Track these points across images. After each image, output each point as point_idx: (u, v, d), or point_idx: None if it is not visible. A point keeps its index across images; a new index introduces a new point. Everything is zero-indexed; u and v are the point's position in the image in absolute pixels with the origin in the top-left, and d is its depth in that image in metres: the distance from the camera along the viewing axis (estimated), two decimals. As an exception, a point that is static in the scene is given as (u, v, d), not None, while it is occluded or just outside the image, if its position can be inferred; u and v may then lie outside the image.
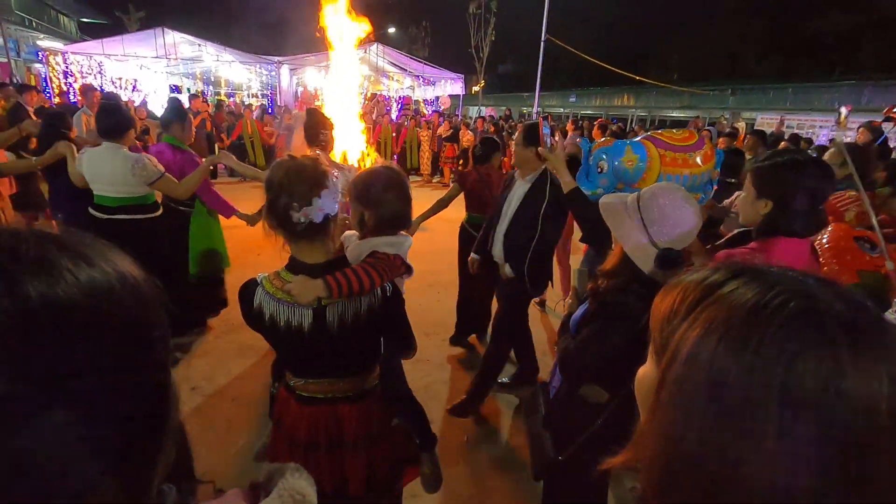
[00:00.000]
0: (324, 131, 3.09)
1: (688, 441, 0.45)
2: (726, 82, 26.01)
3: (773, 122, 16.12)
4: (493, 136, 3.98)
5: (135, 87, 14.11)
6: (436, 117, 12.52)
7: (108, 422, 0.36)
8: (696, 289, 0.51)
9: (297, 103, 14.64)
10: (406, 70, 17.52)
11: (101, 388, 0.36)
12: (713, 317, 0.47)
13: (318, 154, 3.01)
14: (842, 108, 12.47)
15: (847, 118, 12.01)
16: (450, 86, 17.61)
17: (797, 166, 1.52)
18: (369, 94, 16.21)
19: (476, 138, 10.76)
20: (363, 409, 1.56)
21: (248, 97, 16.58)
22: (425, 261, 3.44)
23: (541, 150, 2.28)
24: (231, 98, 16.02)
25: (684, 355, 0.47)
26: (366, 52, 15.56)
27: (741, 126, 12.31)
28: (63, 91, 12.22)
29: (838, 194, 2.53)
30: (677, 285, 0.54)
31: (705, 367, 0.45)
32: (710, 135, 9.57)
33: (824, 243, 2.02)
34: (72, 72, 12.92)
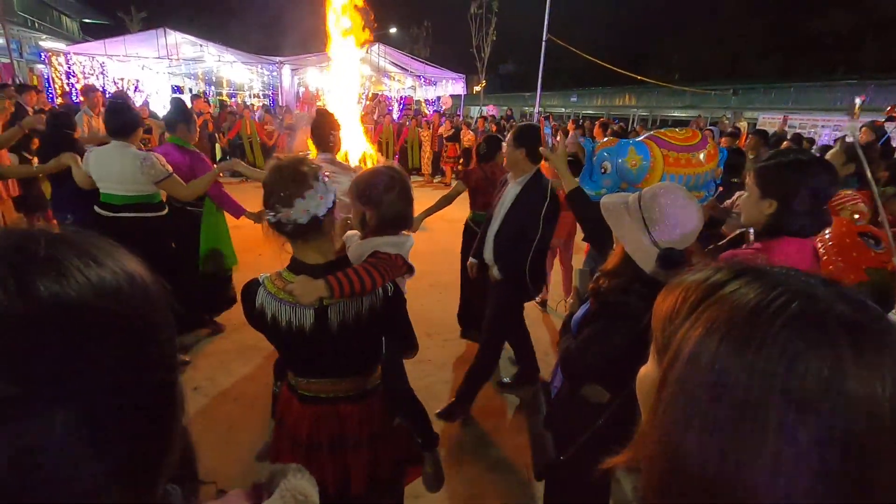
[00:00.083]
0: (333, 132, 3.09)
1: (689, 441, 0.45)
2: (728, 82, 25.99)
3: (774, 122, 16.09)
4: (497, 135, 3.99)
5: (137, 88, 14.12)
6: (436, 117, 12.52)
7: (115, 423, 0.36)
8: (697, 289, 0.51)
9: (298, 103, 14.67)
10: (407, 70, 17.52)
11: (108, 389, 0.36)
12: (715, 317, 0.46)
13: (319, 156, 3.02)
14: (856, 99, 12.31)
15: (861, 108, 11.87)
16: (451, 86, 17.60)
17: (801, 166, 1.51)
18: (371, 95, 16.22)
19: (477, 138, 10.77)
20: (365, 408, 1.56)
21: (250, 97, 16.60)
22: (426, 261, 3.45)
23: (542, 150, 2.28)
24: (233, 98, 16.04)
25: (686, 355, 0.47)
26: (367, 52, 15.56)
27: (743, 126, 12.28)
28: (66, 92, 12.25)
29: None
30: (679, 285, 0.54)
31: (707, 367, 0.45)
32: (713, 134, 9.55)
33: (827, 240, 2.01)
34: (74, 72, 12.94)
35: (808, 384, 0.41)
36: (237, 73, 16.15)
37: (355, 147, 4.15)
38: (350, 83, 5.24)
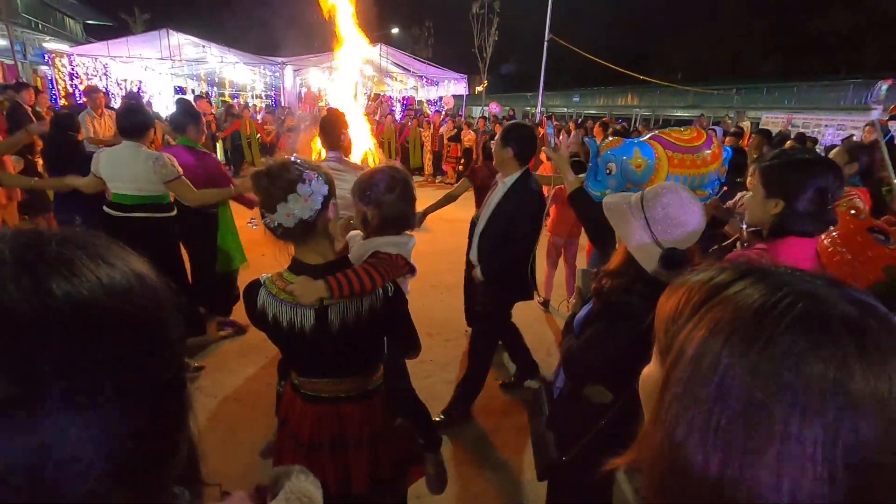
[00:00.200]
0: (343, 131, 3.08)
1: (691, 443, 0.45)
2: (730, 81, 25.91)
3: (777, 122, 16.04)
4: None
5: (140, 89, 14.16)
6: (437, 116, 12.52)
7: (122, 423, 0.36)
8: (701, 289, 0.51)
9: (300, 104, 14.68)
10: (409, 70, 17.52)
11: (117, 389, 0.36)
12: (719, 317, 0.46)
13: (328, 155, 3.02)
14: (882, 86, 11.99)
15: (886, 94, 11.57)
16: (453, 86, 17.59)
17: (807, 165, 1.51)
18: (373, 95, 16.23)
19: (477, 138, 10.76)
20: (366, 408, 1.57)
21: (252, 98, 16.63)
22: (428, 261, 3.44)
23: (545, 149, 2.28)
24: (235, 99, 16.08)
25: (689, 356, 0.47)
26: (371, 47, 15.57)
27: (746, 125, 12.23)
28: (69, 93, 12.29)
29: None
30: (682, 285, 0.54)
31: (710, 368, 0.44)
32: (716, 134, 9.51)
33: (836, 238, 1.97)
34: (77, 74, 12.97)
35: (812, 385, 0.40)
36: (239, 73, 16.18)
37: (359, 146, 4.15)
38: (353, 83, 5.25)
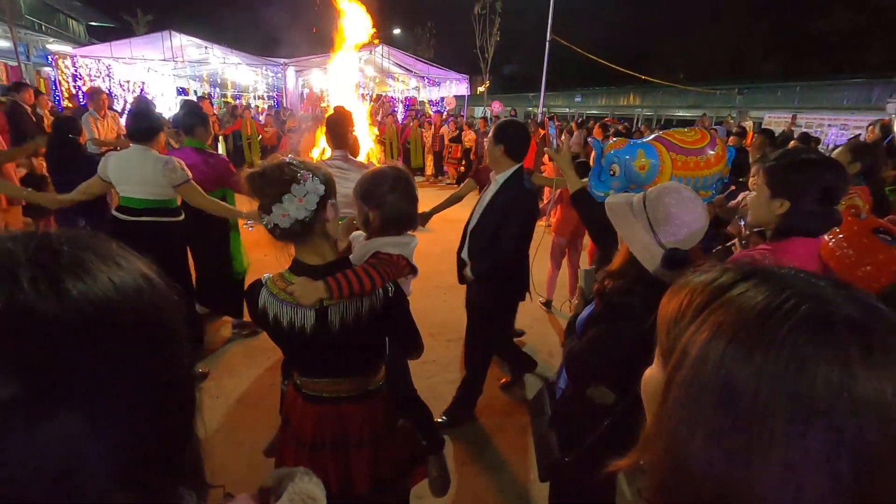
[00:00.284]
0: (350, 130, 3.07)
1: (694, 446, 0.44)
2: (733, 81, 25.84)
3: (780, 121, 15.99)
4: None
5: (142, 90, 14.20)
6: (438, 117, 12.53)
7: (130, 424, 0.36)
8: (703, 291, 0.50)
9: (302, 104, 14.70)
10: (411, 71, 17.52)
11: (128, 389, 0.36)
12: (721, 320, 0.46)
13: (334, 153, 3.03)
14: None
15: None
16: (455, 86, 17.60)
17: (813, 165, 1.50)
18: (375, 96, 16.24)
19: (478, 138, 10.76)
20: (368, 408, 1.57)
21: (255, 99, 16.66)
22: (431, 261, 3.45)
23: (547, 150, 2.27)
24: (237, 100, 16.12)
25: (692, 359, 0.46)
26: (371, 53, 15.58)
27: (748, 125, 12.19)
28: (73, 94, 12.33)
29: None
30: (684, 287, 0.53)
31: (713, 371, 0.44)
32: (717, 133, 9.49)
33: (842, 240, 1.95)
34: (80, 75, 13.01)
35: (817, 389, 0.40)
36: (242, 74, 16.22)
37: (362, 146, 4.17)
38: (355, 84, 5.26)
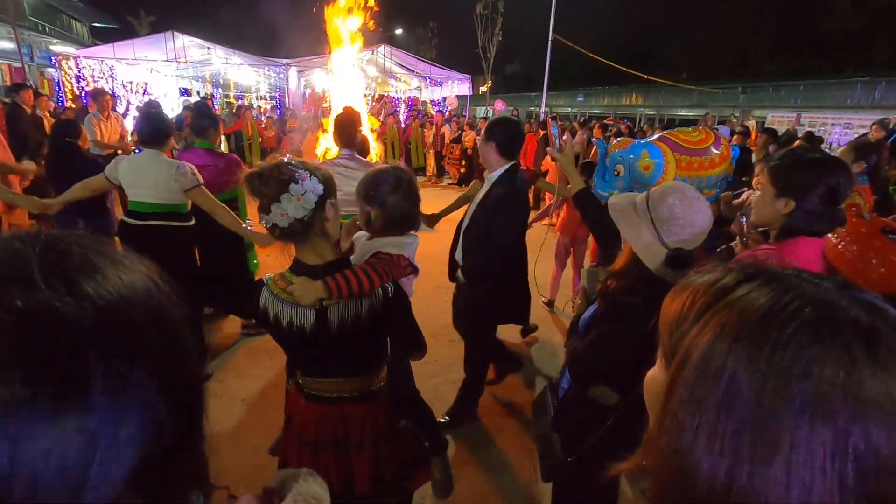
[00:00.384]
0: (359, 130, 3.07)
1: (698, 450, 0.44)
2: (736, 80, 25.77)
3: (784, 120, 15.93)
4: None
5: (145, 91, 14.24)
6: (439, 117, 12.54)
7: (138, 425, 0.36)
8: (706, 292, 0.50)
9: (305, 105, 14.72)
10: (413, 71, 17.51)
11: (145, 388, 0.36)
12: (724, 322, 0.45)
13: (341, 153, 3.05)
14: None
15: None
16: (457, 86, 17.58)
17: (818, 164, 1.49)
18: (377, 96, 16.25)
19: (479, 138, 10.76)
20: (369, 409, 1.57)
21: (257, 99, 16.68)
22: (433, 261, 3.44)
23: (550, 150, 2.27)
24: (240, 100, 16.16)
25: (694, 361, 0.46)
26: (373, 53, 15.58)
27: (751, 124, 12.15)
28: (76, 95, 12.37)
29: None
30: (687, 287, 0.53)
31: (716, 373, 0.43)
32: (721, 133, 9.45)
33: (850, 242, 1.93)
34: (84, 76, 13.05)
35: (822, 391, 0.39)
36: (244, 75, 16.23)
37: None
38: (356, 84, 5.27)
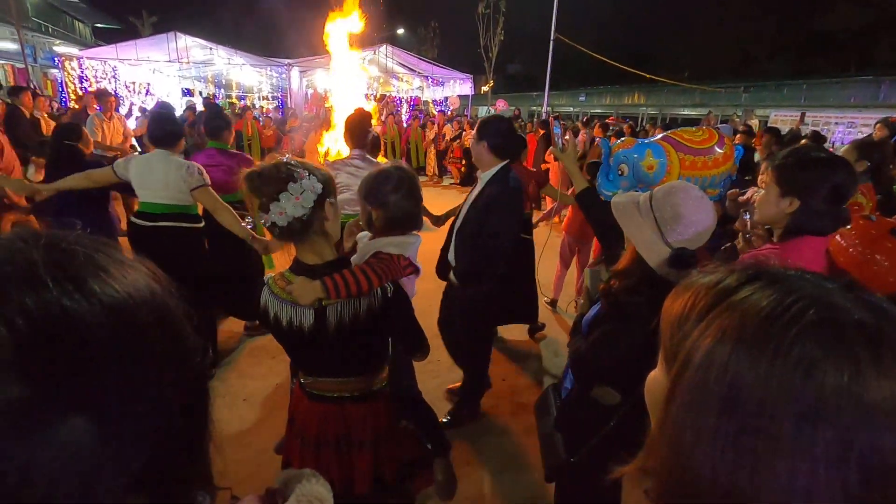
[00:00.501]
0: (370, 131, 3.07)
1: (699, 455, 0.43)
2: (738, 79, 25.71)
3: (787, 120, 15.87)
4: (521, 134, 3.94)
5: (148, 91, 14.29)
6: (441, 117, 12.54)
7: (155, 423, 0.36)
8: (707, 294, 0.49)
9: (307, 105, 14.75)
10: (415, 71, 17.53)
11: (154, 388, 0.36)
12: (726, 324, 0.44)
13: (352, 153, 3.06)
14: None
15: None
16: (459, 86, 17.58)
17: (823, 163, 1.49)
18: (379, 96, 16.26)
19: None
20: (370, 409, 1.57)
21: (259, 99, 16.72)
22: (436, 261, 3.43)
23: (552, 149, 2.27)
24: (242, 101, 16.20)
25: (696, 364, 0.45)
26: (375, 53, 15.60)
27: (754, 123, 12.09)
28: (79, 96, 12.41)
29: None
30: (688, 288, 0.52)
31: (718, 377, 0.43)
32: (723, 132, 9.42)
33: (858, 244, 1.90)
34: (87, 76, 13.10)
35: (825, 394, 0.38)
36: (246, 75, 16.27)
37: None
38: (357, 84, 5.28)
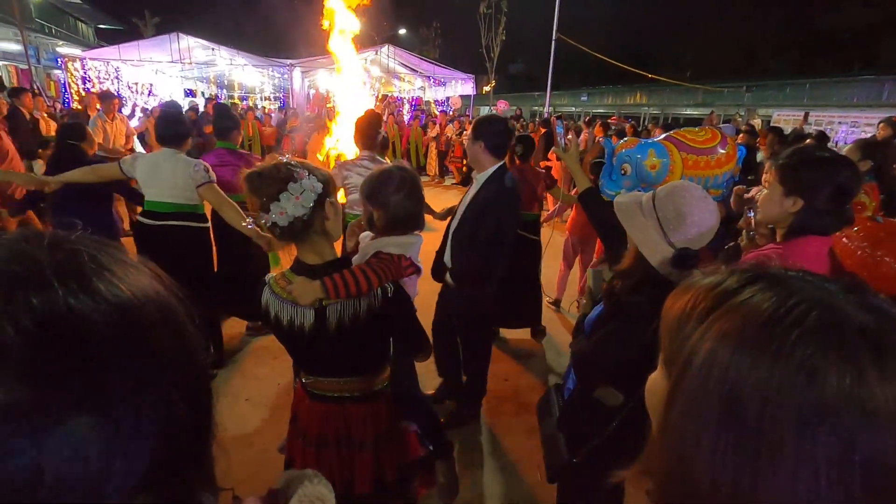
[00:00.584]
0: (380, 132, 3.08)
1: (700, 459, 0.43)
2: (741, 79, 25.66)
3: (790, 119, 15.83)
4: (529, 134, 3.93)
5: (150, 92, 14.32)
6: (443, 116, 12.54)
7: (160, 423, 0.36)
8: (707, 295, 0.48)
9: (308, 105, 14.76)
10: (417, 71, 17.53)
11: (158, 388, 0.36)
12: (727, 327, 0.44)
13: (362, 154, 3.06)
14: None
15: None
16: (460, 86, 17.58)
17: (826, 162, 1.48)
18: (381, 96, 16.27)
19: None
20: (371, 409, 1.57)
21: (261, 100, 16.75)
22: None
23: (555, 149, 2.26)
24: (244, 101, 16.22)
25: (696, 367, 0.45)
26: (377, 53, 15.61)
27: (757, 123, 12.06)
28: (82, 97, 12.45)
29: None
30: (688, 290, 0.51)
31: (718, 381, 0.42)
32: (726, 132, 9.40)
33: (864, 245, 1.88)
34: (90, 77, 13.14)
35: (827, 398, 0.38)
36: (248, 76, 16.30)
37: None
38: (358, 85, 5.30)
